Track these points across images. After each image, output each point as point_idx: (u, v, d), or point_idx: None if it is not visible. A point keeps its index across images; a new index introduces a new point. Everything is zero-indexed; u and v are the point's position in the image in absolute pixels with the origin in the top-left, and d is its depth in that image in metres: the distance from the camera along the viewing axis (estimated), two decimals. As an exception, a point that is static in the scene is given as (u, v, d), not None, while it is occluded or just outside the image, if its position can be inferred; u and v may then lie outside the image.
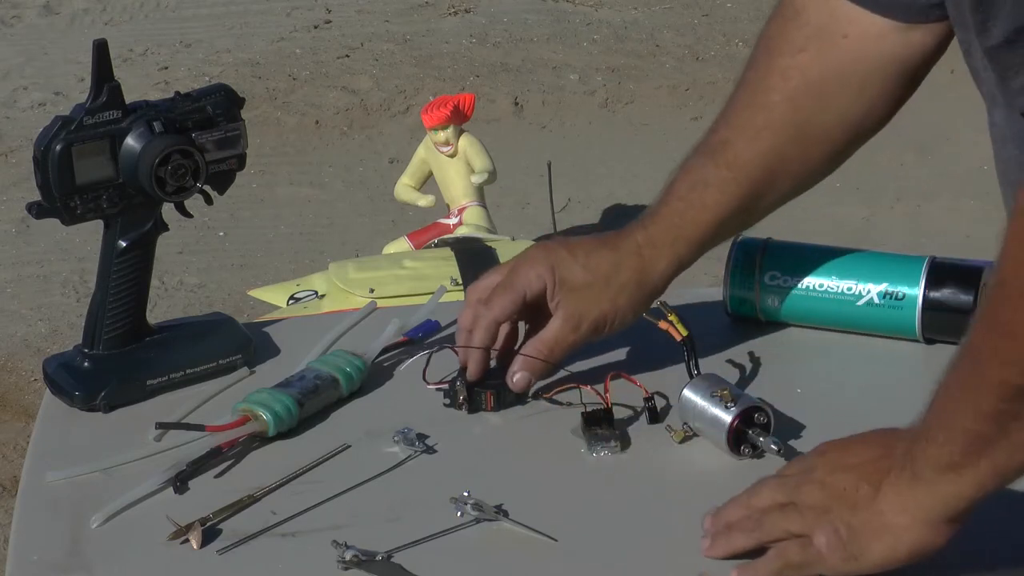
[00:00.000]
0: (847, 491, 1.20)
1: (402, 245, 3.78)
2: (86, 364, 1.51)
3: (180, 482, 1.37)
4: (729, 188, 1.47)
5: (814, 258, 1.58)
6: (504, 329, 1.48)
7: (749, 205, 1.50)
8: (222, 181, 1.52)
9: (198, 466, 1.39)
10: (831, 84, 1.46)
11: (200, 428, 1.42)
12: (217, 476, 1.39)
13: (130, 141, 1.46)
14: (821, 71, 1.45)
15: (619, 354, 1.55)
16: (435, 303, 1.62)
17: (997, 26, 1.14)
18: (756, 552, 1.24)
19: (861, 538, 1.18)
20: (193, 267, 4.29)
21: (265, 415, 1.42)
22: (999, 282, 1.09)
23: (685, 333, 1.44)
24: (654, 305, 1.48)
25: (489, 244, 3.36)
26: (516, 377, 1.47)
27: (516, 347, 1.49)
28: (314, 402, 1.47)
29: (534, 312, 1.48)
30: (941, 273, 1.53)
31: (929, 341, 1.55)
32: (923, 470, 1.16)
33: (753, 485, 1.27)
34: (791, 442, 1.39)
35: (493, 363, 1.50)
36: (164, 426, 1.44)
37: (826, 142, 1.49)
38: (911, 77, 1.46)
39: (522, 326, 1.51)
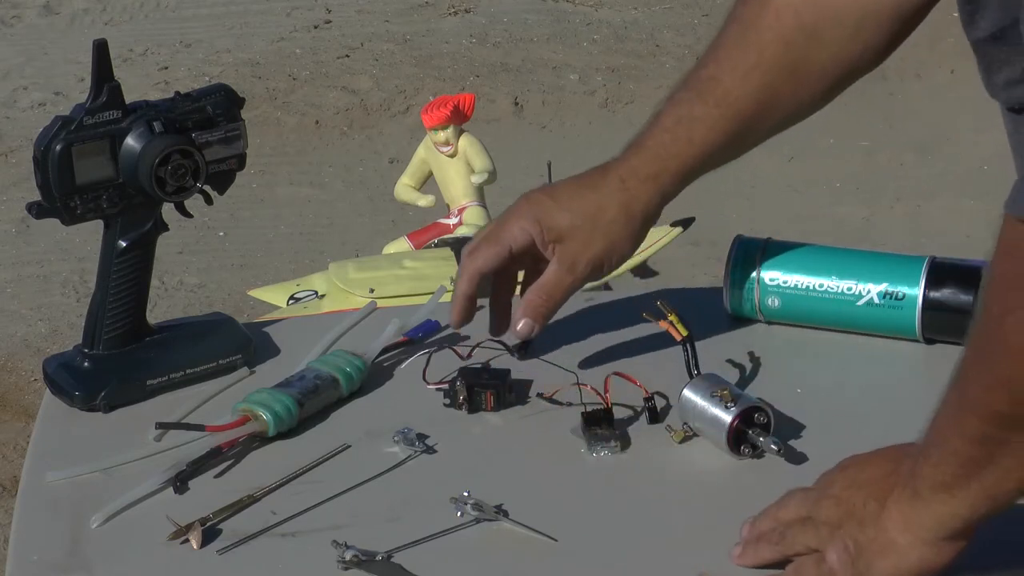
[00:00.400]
0: (857, 507, 1.19)
1: (402, 245, 3.78)
2: (86, 364, 1.51)
3: (180, 482, 1.37)
4: (718, 125, 1.47)
5: (814, 258, 1.58)
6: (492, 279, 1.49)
7: (737, 140, 1.50)
8: (222, 181, 1.52)
9: (198, 466, 1.39)
10: (826, 25, 1.45)
11: (200, 428, 1.42)
12: (217, 476, 1.39)
13: (130, 141, 1.46)
14: (816, 12, 1.45)
15: (619, 354, 1.55)
16: (435, 303, 1.62)
17: (985, 19, 1.14)
18: (784, 564, 1.24)
19: (868, 555, 1.18)
20: (193, 267, 4.30)
21: (265, 415, 1.42)
22: (983, 305, 1.08)
23: (685, 333, 1.44)
24: (655, 303, 1.48)
25: (489, 244, 3.35)
26: (520, 324, 1.47)
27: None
28: (314, 402, 1.47)
29: (532, 263, 1.49)
30: (941, 273, 1.53)
31: (929, 341, 1.55)
32: (921, 488, 1.16)
33: (783, 496, 1.26)
34: (791, 442, 1.39)
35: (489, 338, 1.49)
36: (164, 426, 1.44)
37: (819, 80, 1.48)
38: (908, 20, 1.45)
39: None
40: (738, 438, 1.38)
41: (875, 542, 1.17)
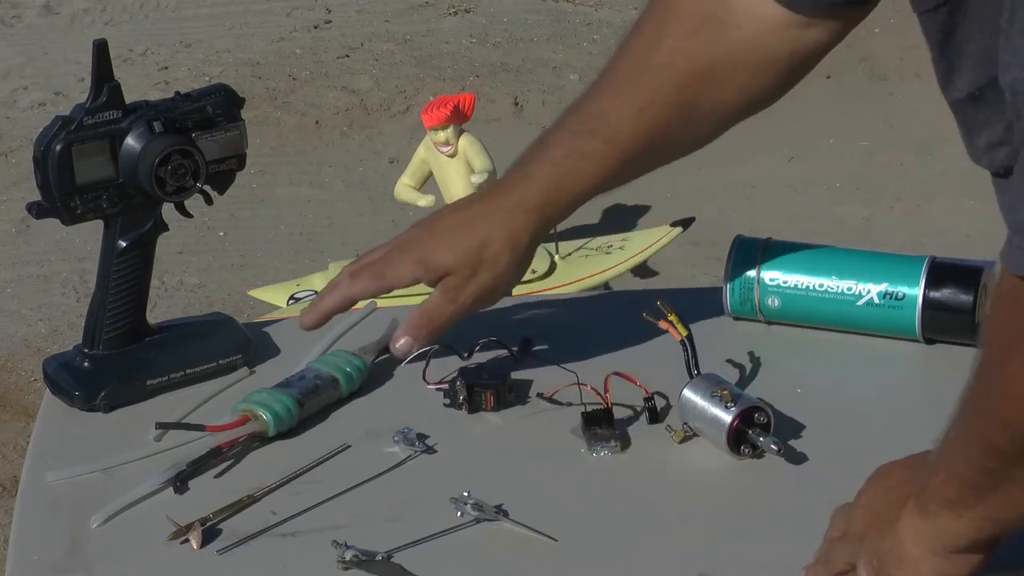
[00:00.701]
0: (879, 517, 1.18)
1: (402, 245, 3.77)
2: (86, 364, 1.51)
3: (180, 482, 1.37)
4: (606, 161, 1.47)
5: (814, 258, 1.58)
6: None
7: (625, 174, 1.50)
8: (222, 181, 1.52)
9: (198, 466, 1.39)
10: (720, 71, 1.44)
11: (200, 428, 1.42)
12: (217, 476, 1.39)
13: (130, 141, 1.46)
14: (711, 58, 1.44)
15: (619, 354, 1.55)
16: None
17: (961, 79, 1.11)
18: None
19: (888, 566, 1.16)
20: (193, 267, 4.29)
21: (265, 415, 1.42)
22: (985, 345, 1.06)
23: (685, 332, 1.44)
24: (656, 303, 1.48)
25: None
26: (399, 342, 1.48)
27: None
28: (314, 402, 1.47)
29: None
30: (941, 273, 1.53)
31: (929, 341, 1.55)
32: (928, 502, 1.14)
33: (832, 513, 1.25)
34: (791, 442, 1.39)
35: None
36: (164, 426, 1.44)
37: (709, 121, 1.48)
38: (801, 65, 1.45)
39: None
40: (738, 438, 1.38)
41: (892, 552, 1.16)
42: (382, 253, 1.51)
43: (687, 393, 1.41)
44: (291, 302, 3.63)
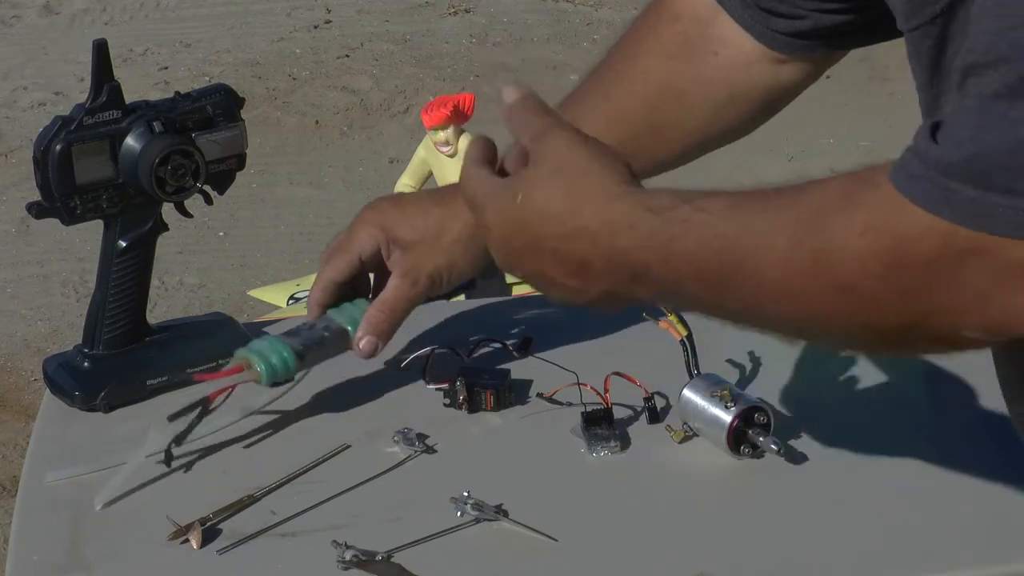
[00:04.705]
0: None
1: (402, 245, 3.77)
2: (86, 364, 1.51)
3: (176, 443, 1.36)
4: None
5: (814, 258, 1.58)
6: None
7: None
8: (222, 181, 1.52)
9: (190, 412, 1.36)
10: (693, 96, 1.45)
11: (199, 407, 1.38)
12: (217, 476, 1.39)
13: (130, 141, 1.46)
14: (685, 82, 1.44)
15: (619, 354, 1.55)
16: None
17: (948, 104, 1.06)
18: None
19: None
20: (193, 267, 4.30)
21: (259, 365, 1.38)
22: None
23: (685, 332, 1.44)
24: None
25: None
26: (363, 343, 1.45)
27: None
28: (317, 354, 1.42)
29: (383, 268, 1.49)
30: (941, 273, 1.53)
31: (929, 341, 1.55)
32: None
33: None
34: (791, 442, 1.39)
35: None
36: (176, 416, 1.40)
37: (681, 141, 1.48)
38: (773, 104, 1.46)
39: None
40: (738, 438, 1.38)
41: None
42: (345, 232, 1.50)
43: (687, 393, 1.41)
44: (291, 302, 3.63)
